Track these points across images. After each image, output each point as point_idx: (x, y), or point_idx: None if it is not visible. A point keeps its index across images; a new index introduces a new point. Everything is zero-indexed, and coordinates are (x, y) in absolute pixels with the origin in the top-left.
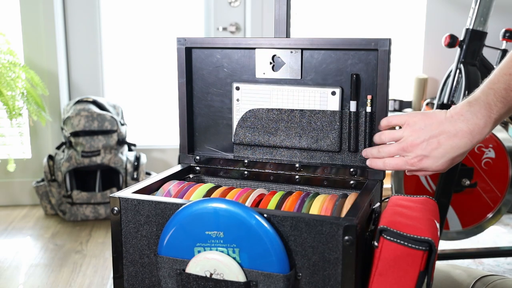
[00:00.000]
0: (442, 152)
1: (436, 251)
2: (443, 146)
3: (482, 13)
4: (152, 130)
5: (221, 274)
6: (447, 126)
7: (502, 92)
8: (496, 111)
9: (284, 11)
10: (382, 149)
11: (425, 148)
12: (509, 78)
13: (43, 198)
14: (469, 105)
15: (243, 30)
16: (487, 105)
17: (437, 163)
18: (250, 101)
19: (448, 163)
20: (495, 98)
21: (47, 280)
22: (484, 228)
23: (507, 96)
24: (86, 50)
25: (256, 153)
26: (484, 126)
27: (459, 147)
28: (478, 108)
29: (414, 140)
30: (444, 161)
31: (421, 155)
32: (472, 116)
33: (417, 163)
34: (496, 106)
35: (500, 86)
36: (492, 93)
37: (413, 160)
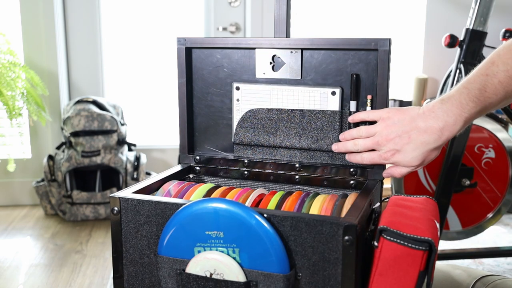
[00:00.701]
0: (413, 147)
1: (436, 251)
2: (413, 141)
3: (482, 13)
4: (152, 130)
5: (221, 274)
6: (419, 122)
7: (475, 92)
8: (468, 110)
9: (284, 11)
10: (358, 142)
11: (397, 142)
12: (485, 79)
13: (43, 198)
14: (442, 102)
15: (243, 30)
16: (459, 104)
17: (409, 158)
18: (250, 101)
19: (420, 158)
20: (468, 98)
21: (47, 280)
22: (484, 228)
23: (480, 96)
24: (86, 50)
25: (256, 153)
26: (453, 124)
27: (428, 143)
28: (450, 106)
29: (387, 135)
30: (415, 156)
31: (393, 149)
32: (443, 113)
33: (389, 157)
34: (468, 105)
35: (475, 86)
36: (465, 93)
37: (386, 154)
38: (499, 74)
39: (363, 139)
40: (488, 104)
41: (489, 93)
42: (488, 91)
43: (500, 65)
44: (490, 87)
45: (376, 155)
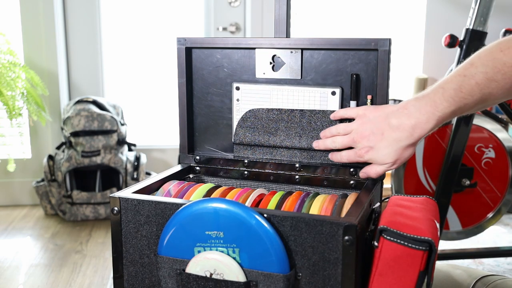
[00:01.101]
0: (385, 144)
1: (436, 251)
2: (386, 138)
3: (482, 13)
4: (152, 130)
5: (221, 274)
6: (392, 119)
7: (451, 92)
8: (441, 109)
9: (284, 11)
10: (336, 139)
11: (371, 139)
12: (462, 79)
13: (43, 198)
14: (416, 100)
15: (243, 30)
16: (433, 102)
17: (382, 155)
18: (250, 101)
19: (393, 155)
20: (443, 97)
21: (47, 280)
22: (484, 228)
23: (455, 96)
24: (86, 50)
25: (256, 153)
26: (426, 122)
27: (401, 140)
28: (423, 104)
29: (362, 132)
30: (388, 153)
31: (367, 146)
32: (415, 111)
33: (364, 154)
34: (441, 104)
35: (451, 86)
36: (441, 92)
37: (361, 151)
38: (477, 76)
39: (341, 137)
40: (463, 105)
41: (464, 94)
42: (464, 91)
43: (479, 67)
44: (466, 88)
45: (352, 152)
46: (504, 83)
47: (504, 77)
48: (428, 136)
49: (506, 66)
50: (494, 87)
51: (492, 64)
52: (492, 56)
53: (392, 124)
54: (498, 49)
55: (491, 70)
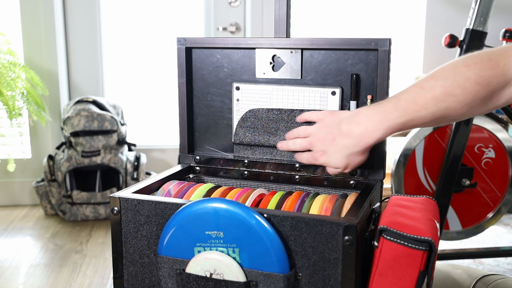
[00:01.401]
0: (336, 150)
1: (436, 251)
2: (336, 144)
3: (482, 13)
4: (152, 130)
5: (221, 274)
6: (344, 125)
7: (404, 103)
8: (390, 119)
9: (284, 11)
10: (297, 141)
11: (325, 144)
12: (418, 91)
13: (43, 198)
14: (369, 108)
15: (243, 30)
16: (384, 112)
17: (333, 159)
18: (250, 101)
19: (344, 161)
20: (394, 107)
21: (47, 280)
22: (484, 228)
23: (408, 108)
24: (86, 50)
25: (256, 153)
26: (373, 131)
27: (349, 146)
28: (374, 113)
29: (318, 136)
30: (339, 158)
31: (321, 150)
32: (365, 119)
33: (319, 157)
34: (391, 114)
35: (406, 97)
36: (394, 102)
37: (316, 155)
38: (435, 89)
39: (300, 139)
40: (416, 118)
41: (418, 106)
42: (418, 104)
43: (439, 80)
44: (421, 100)
45: (310, 155)
46: (463, 98)
47: (464, 92)
48: (428, 136)
49: (468, 81)
50: (452, 101)
51: (453, 78)
52: (456, 70)
53: (342, 130)
54: (463, 63)
55: (450, 84)
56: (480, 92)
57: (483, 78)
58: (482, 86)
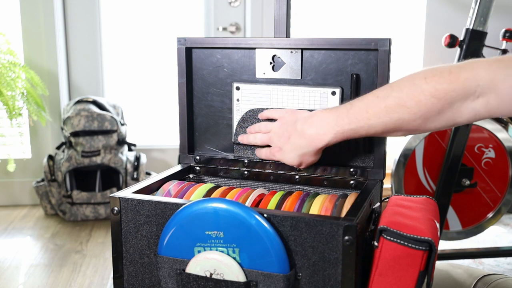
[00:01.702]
0: (290, 148)
1: (436, 251)
2: (291, 142)
3: (482, 13)
4: (152, 130)
5: (221, 274)
6: (299, 125)
7: (356, 109)
8: (340, 124)
9: (284, 11)
10: (257, 136)
11: (281, 141)
12: (372, 100)
13: (43, 198)
14: (324, 111)
15: (243, 30)
16: (336, 116)
17: (288, 157)
18: (250, 101)
19: (297, 160)
20: (347, 113)
21: (47, 280)
22: (484, 228)
23: (358, 115)
24: (86, 50)
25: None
26: (324, 134)
27: (301, 146)
28: (327, 116)
29: (277, 132)
30: (293, 157)
31: (278, 146)
32: (318, 121)
33: (275, 153)
34: (342, 120)
35: (358, 104)
36: (348, 107)
37: (273, 150)
38: (389, 99)
39: (261, 134)
40: (367, 126)
41: (370, 114)
42: (370, 112)
43: (395, 90)
44: (373, 109)
45: (268, 150)
46: (416, 110)
47: (418, 104)
48: (428, 136)
49: (423, 93)
50: (404, 112)
51: (408, 89)
52: (412, 82)
53: (297, 129)
54: (422, 76)
55: (405, 95)
56: (435, 105)
57: (439, 92)
58: (438, 99)
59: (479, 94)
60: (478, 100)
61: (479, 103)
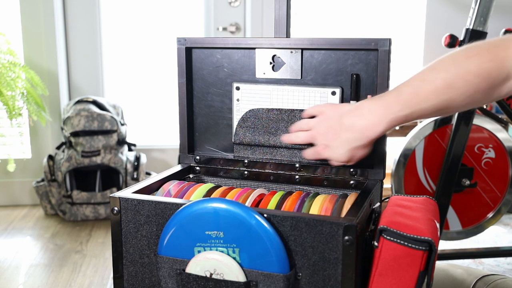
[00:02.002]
0: (339, 144)
1: (436, 251)
2: (339, 137)
3: (482, 13)
4: (152, 130)
5: (221, 274)
6: (346, 118)
7: (406, 95)
8: (394, 112)
9: (284, 11)
10: (298, 134)
11: (327, 138)
12: (419, 84)
13: (43, 198)
14: (371, 101)
15: (243, 30)
16: (386, 105)
17: (336, 154)
18: (250, 101)
19: (347, 155)
20: (397, 100)
21: (47, 280)
22: (484, 228)
23: (410, 100)
24: (86, 50)
25: (256, 153)
26: (377, 124)
27: (352, 140)
28: (377, 106)
29: (319, 129)
30: (342, 153)
31: (324, 144)
32: (367, 112)
33: (321, 151)
34: (395, 107)
35: (407, 90)
36: (396, 95)
37: (319, 148)
38: (437, 81)
39: (303, 132)
40: (418, 110)
41: (420, 99)
42: (420, 96)
43: (440, 72)
44: (423, 93)
45: (313, 150)
46: (464, 90)
47: (466, 84)
48: (428, 136)
49: (469, 73)
50: (454, 93)
51: (455, 70)
52: (456, 62)
53: (344, 124)
54: (464, 55)
55: (451, 76)
56: (481, 84)
57: (484, 71)
58: (483, 78)
59: None
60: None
61: None
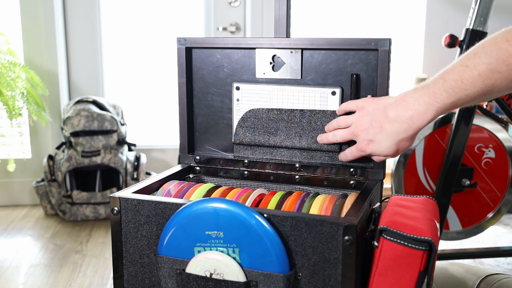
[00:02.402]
0: (385, 137)
1: (436, 251)
2: (385, 130)
3: (482, 13)
4: (152, 130)
5: (221, 274)
6: (390, 111)
7: (451, 82)
8: (440, 100)
9: (284, 11)
10: (337, 133)
11: (370, 132)
12: (463, 70)
13: (43, 198)
14: (415, 91)
15: (243, 30)
16: (432, 93)
17: (382, 148)
18: (250, 101)
19: (394, 148)
20: (442, 88)
21: (47, 280)
22: (484, 228)
23: (456, 87)
24: (86, 50)
25: (256, 153)
26: (424, 113)
27: (399, 132)
28: (422, 95)
29: (361, 125)
30: (389, 146)
31: (367, 139)
32: (414, 102)
33: (365, 147)
34: (441, 95)
35: (452, 77)
36: (441, 82)
37: (362, 145)
38: (480, 66)
39: (341, 130)
40: (464, 96)
41: (466, 85)
42: (465, 82)
43: (482, 57)
44: (468, 79)
45: (354, 148)
46: (508, 74)
47: (509, 68)
48: (428, 136)
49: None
50: (498, 78)
51: (497, 54)
52: (498, 46)
53: (390, 116)
54: (504, 39)
55: (495, 61)
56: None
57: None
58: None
59: None
60: None
61: None
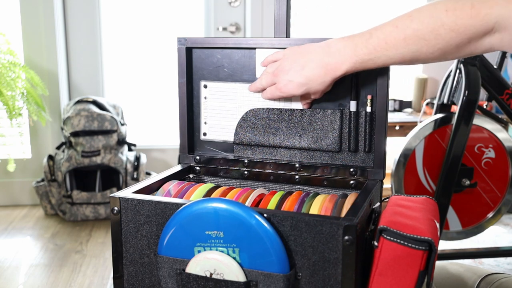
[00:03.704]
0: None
1: (436, 251)
2: (304, 72)
3: None
4: (152, 130)
5: (221, 274)
6: (313, 55)
7: (375, 40)
8: (359, 54)
9: (284, 11)
10: (262, 77)
11: (290, 74)
12: (391, 30)
13: (43, 198)
14: (340, 40)
15: (243, 30)
16: (354, 46)
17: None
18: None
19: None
20: (365, 43)
21: (47, 280)
22: (484, 228)
23: (378, 46)
24: (86, 50)
25: (256, 153)
26: (341, 63)
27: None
28: (344, 45)
29: (284, 67)
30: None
31: (287, 79)
32: (335, 51)
33: (283, 88)
34: (361, 50)
35: (378, 35)
36: (366, 37)
37: (280, 85)
38: (407, 30)
39: (265, 74)
40: (384, 57)
41: (388, 45)
42: (389, 43)
43: (414, 21)
44: (392, 41)
45: (274, 88)
46: (435, 43)
47: (437, 37)
48: (428, 136)
49: (443, 27)
50: (423, 45)
51: (428, 22)
52: (433, 14)
53: (312, 60)
54: (444, 7)
55: (424, 28)
56: (454, 39)
57: (459, 26)
58: (457, 34)
59: (496, 30)
60: (494, 35)
61: (495, 38)
